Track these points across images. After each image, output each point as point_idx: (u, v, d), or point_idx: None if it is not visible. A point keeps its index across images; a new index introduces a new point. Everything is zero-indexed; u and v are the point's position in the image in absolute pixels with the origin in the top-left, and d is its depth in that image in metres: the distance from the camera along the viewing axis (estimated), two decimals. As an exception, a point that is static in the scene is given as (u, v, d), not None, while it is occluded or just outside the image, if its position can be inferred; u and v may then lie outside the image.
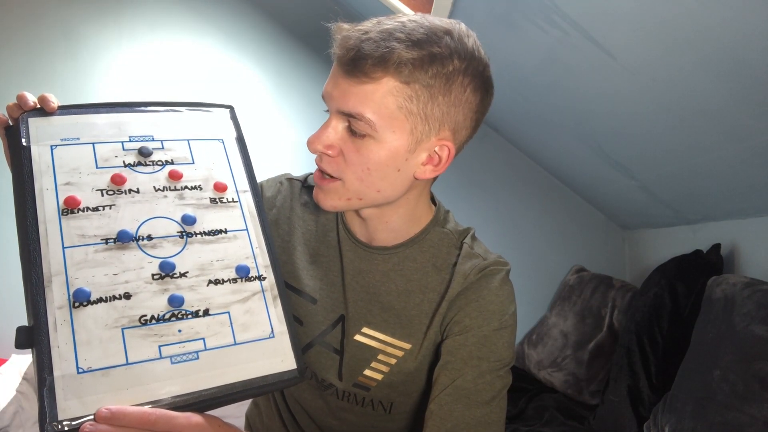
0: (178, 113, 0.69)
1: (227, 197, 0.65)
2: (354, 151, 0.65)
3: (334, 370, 0.77)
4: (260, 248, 0.64)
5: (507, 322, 0.72)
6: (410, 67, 0.61)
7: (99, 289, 0.54)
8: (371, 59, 0.60)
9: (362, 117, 0.62)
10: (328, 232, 0.80)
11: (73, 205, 0.57)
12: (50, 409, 0.48)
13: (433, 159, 0.68)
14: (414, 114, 0.63)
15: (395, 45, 0.60)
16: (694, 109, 1.30)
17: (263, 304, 0.61)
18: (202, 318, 0.57)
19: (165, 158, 0.64)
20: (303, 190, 0.84)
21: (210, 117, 0.71)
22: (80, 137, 0.62)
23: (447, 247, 0.76)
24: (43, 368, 0.50)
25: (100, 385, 0.50)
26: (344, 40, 0.62)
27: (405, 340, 0.74)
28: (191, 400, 0.52)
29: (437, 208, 0.79)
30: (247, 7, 2.16)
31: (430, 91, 0.62)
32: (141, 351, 0.53)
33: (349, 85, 0.62)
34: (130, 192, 0.61)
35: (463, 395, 0.67)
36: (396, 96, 0.62)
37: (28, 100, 0.61)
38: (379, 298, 0.75)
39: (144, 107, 0.67)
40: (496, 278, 0.73)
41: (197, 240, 0.61)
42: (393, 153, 0.65)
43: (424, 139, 0.65)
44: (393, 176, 0.67)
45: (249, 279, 0.61)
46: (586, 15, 1.22)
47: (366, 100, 0.62)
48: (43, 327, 0.51)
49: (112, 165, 0.61)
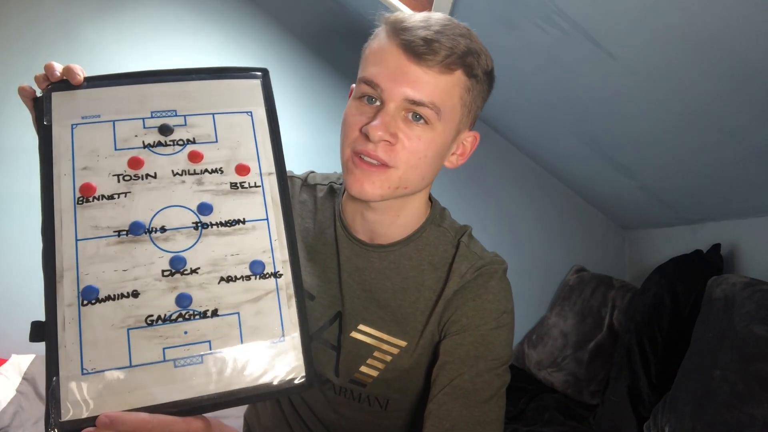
0: (205, 82, 0.65)
1: (249, 181, 0.61)
2: (415, 138, 0.66)
3: (331, 366, 0.77)
4: (279, 241, 0.60)
5: (504, 320, 0.72)
6: (475, 64, 0.67)
7: (108, 286, 0.54)
8: (451, 52, 0.64)
9: (433, 106, 0.65)
10: (325, 230, 0.80)
11: (88, 192, 0.57)
12: (54, 410, 0.48)
13: (459, 148, 0.74)
14: (465, 105, 0.69)
15: (463, 41, 0.66)
16: (694, 109, 1.30)
17: (276, 305, 0.58)
18: (210, 319, 0.55)
19: (187, 137, 0.61)
20: (303, 189, 0.85)
21: (239, 86, 0.66)
22: (101, 114, 0.60)
23: (443, 245, 0.76)
24: (51, 368, 0.50)
25: (102, 386, 0.50)
26: (414, 30, 0.65)
27: (400, 337, 0.75)
28: (192, 405, 0.52)
29: (433, 205, 0.80)
30: (247, 7, 2.16)
31: (480, 86, 0.69)
32: (145, 353, 0.52)
33: (421, 73, 0.65)
34: (147, 177, 0.59)
35: (461, 394, 0.67)
36: (461, 88, 0.67)
37: (55, 71, 0.60)
38: (375, 295, 0.76)
39: (171, 76, 0.64)
40: (493, 277, 0.73)
41: (212, 232, 0.58)
42: (444, 141, 0.69)
43: (462, 129, 0.71)
44: (438, 164, 0.72)
45: (264, 276, 0.58)
46: (586, 15, 1.22)
47: (438, 89, 0.65)
48: (52, 324, 0.52)
49: (131, 146, 0.60)
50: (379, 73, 0.66)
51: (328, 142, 2.17)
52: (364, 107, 0.68)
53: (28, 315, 0.54)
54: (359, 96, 0.69)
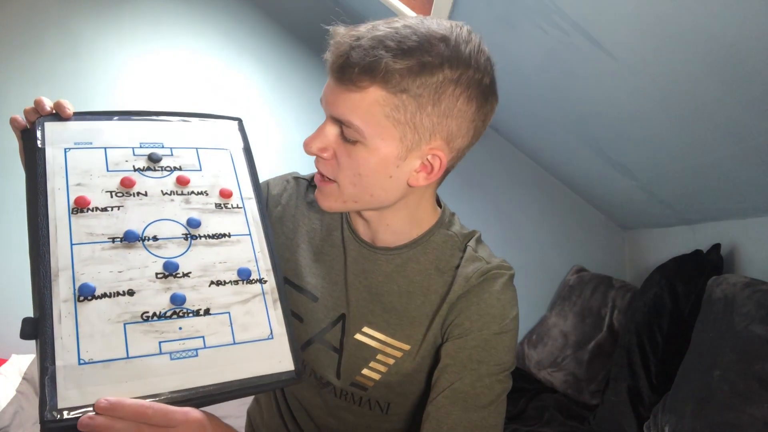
0: (188, 123, 0.72)
1: (232, 203, 0.68)
2: (346, 155, 0.65)
3: (333, 369, 0.77)
4: (262, 253, 0.66)
5: (508, 326, 0.71)
6: (397, 77, 0.59)
7: (104, 285, 0.56)
8: (358, 68, 0.59)
9: (351, 124, 0.62)
10: (333, 231, 0.80)
11: (83, 204, 0.59)
12: (50, 397, 0.49)
13: (426, 167, 0.67)
14: (402, 123, 0.62)
15: (383, 54, 0.59)
16: (695, 109, 1.30)
17: (263, 306, 0.62)
18: (203, 317, 0.58)
19: (173, 164, 0.67)
20: (309, 189, 0.85)
21: (218, 127, 0.74)
22: (93, 141, 0.64)
23: (450, 250, 0.76)
24: (46, 358, 0.51)
25: (100, 376, 0.52)
26: (336, 46, 0.62)
27: (404, 341, 0.74)
28: (188, 396, 0.54)
29: (442, 210, 0.79)
30: (247, 8, 2.16)
31: (418, 101, 0.61)
32: (141, 346, 0.54)
33: (339, 92, 0.62)
34: (138, 195, 0.63)
35: (461, 398, 0.67)
36: (383, 105, 0.61)
37: (45, 106, 0.63)
38: (380, 298, 0.75)
39: (155, 116, 0.70)
40: (498, 282, 0.73)
41: (201, 242, 0.63)
42: (383, 160, 0.64)
43: (414, 147, 0.64)
44: (385, 182, 0.67)
45: (250, 281, 0.63)
46: (586, 15, 1.22)
47: (354, 108, 0.62)
48: (48, 318, 0.53)
49: (123, 169, 0.64)
50: (323, 91, 0.67)
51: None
52: None
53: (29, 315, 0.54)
54: None
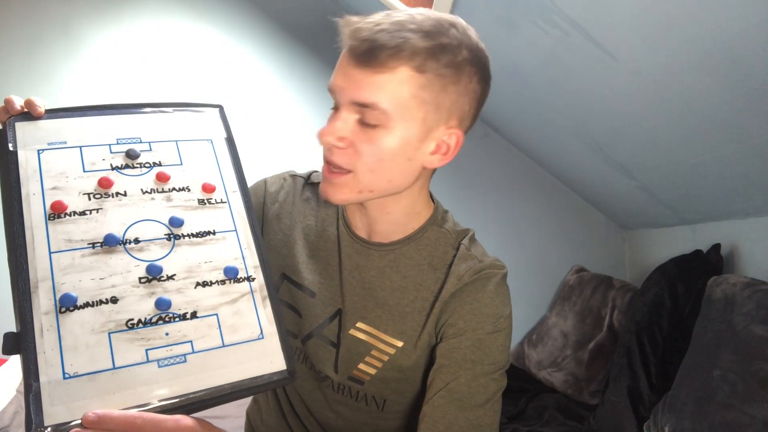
0: (166, 114, 0.69)
1: (216, 198, 0.65)
2: (366, 141, 0.65)
3: (330, 363, 0.78)
4: (249, 249, 0.64)
5: (502, 325, 0.72)
6: (423, 56, 0.62)
7: (86, 293, 0.54)
8: (387, 49, 0.61)
9: (377, 106, 0.63)
10: (328, 227, 0.81)
11: (59, 209, 0.57)
12: (36, 415, 0.48)
13: (441, 147, 0.69)
14: (426, 103, 0.65)
15: (409, 35, 0.62)
16: (694, 109, 1.30)
17: (252, 305, 0.60)
18: (190, 321, 0.56)
19: (153, 160, 0.64)
20: (306, 187, 0.86)
21: (199, 117, 0.71)
22: (67, 141, 0.62)
23: (444, 247, 0.76)
24: (30, 374, 0.49)
25: (86, 390, 0.50)
26: (356, 32, 0.63)
27: (397, 337, 0.75)
28: (179, 404, 0.52)
29: (435, 206, 0.80)
30: (247, 7, 2.16)
31: (442, 81, 0.64)
32: (128, 355, 0.52)
33: (363, 76, 0.63)
34: (117, 195, 0.60)
35: (456, 398, 0.67)
36: (410, 85, 0.63)
37: (14, 105, 0.61)
38: (374, 293, 0.76)
39: (132, 109, 0.67)
40: (492, 281, 0.73)
41: (185, 242, 0.61)
42: (405, 142, 0.66)
43: (434, 127, 0.67)
44: (404, 165, 0.68)
45: (237, 280, 0.61)
46: (586, 15, 1.22)
47: (381, 89, 0.63)
48: (29, 333, 0.51)
49: (99, 168, 0.61)
50: (334, 80, 0.66)
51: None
52: (331, 116, 0.69)
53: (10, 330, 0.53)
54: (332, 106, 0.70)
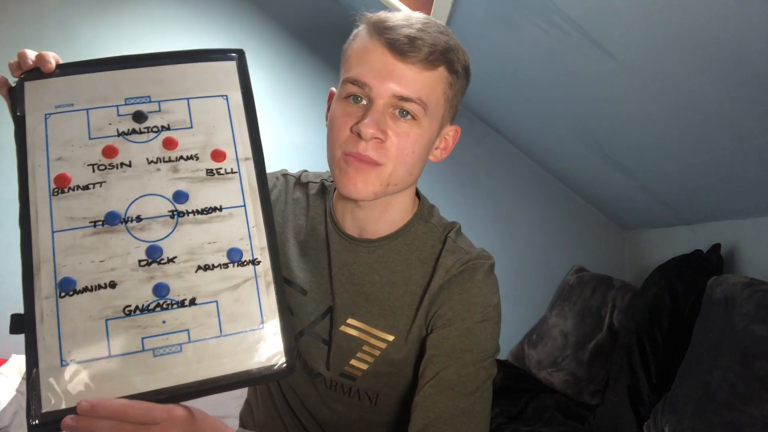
0: (180, 66, 0.63)
1: (225, 168, 0.60)
2: (403, 134, 0.68)
3: (322, 360, 0.78)
4: (257, 228, 0.59)
5: (490, 314, 0.73)
6: (455, 58, 0.69)
7: (85, 277, 0.54)
8: (433, 49, 0.66)
9: (419, 101, 0.67)
10: (317, 226, 0.82)
11: (63, 183, 0.56)
12: (34, 401, 0.49)
13: (443, 142, 0.76)
14: (448, 100, 0.71)
15: (441, 36, 0.67)
16: (694, 109, 1.30)
17: (255, 292, 0.57)
18: (188, 308, 0.55)
19: (161, 123, 0.60)
20: (296, 187, 0.86)
21: (214, 68, 0.64)
22: (75, 103, 0.59)
23: (431, 241, 0.77)
24: (30, 360, 0.51)
25: (83, 377, 0.51)
26: (398, 29, 0.66)
27: (388, 331, 0.76)
28: (173, 393, 0.52)
29: (421, 202, 0.81)
30: (246, 6, 2.16)
31: (459, 81, 0.72)
32: (124, 343, 0.53)
33: (408, 71, 0.66)
34: (122, 166, 0.58)
35: (447, 386, 0.68)
36: (444, 84, 0.69)
37: (27, 59, 0.59)
38: (363, 288, 0.77)
39: (144, 61, 0.63)
40: (479, 271, 0.74)
41: (188, 220, 0.58)
42: (430, 136, 0.71)
43: (445, 123, 0.74)
44: (424, 159, 0.73)
45: (241, 264, 0.57)
46: (586, 15, 1.22)
47: (424, 85, 0.67)
48: (30, 317, 0.52)
49: (106, 135, 0.59)
50: (365, 72, 0.67)
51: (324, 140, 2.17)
52: (350, 107, 0.69)
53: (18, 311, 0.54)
54: (345, 96, 0.69)
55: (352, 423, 0.82)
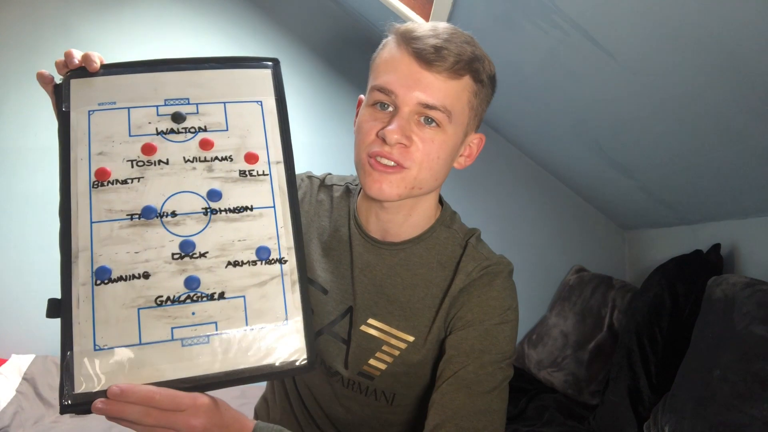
0: (217, 71, 0.67)
1: (258, 170, 0.64)
2: (428, 140, 0.70)
3: (341, 359, 0.80)
4: (285, 228, 0.62)
5: (508, 317, 0.74)
6: (480, 69, 0.71)
7: (120, 267, 0.56)
8: (459, 59, 0.68)
9: (444, 109, 0.68)
10: (340, 228, 0.83)
11: (103, 177, 0.59)
12: (67, 382, 0.52)
13: (467, 150, 0.77)
14: (473, 108, 0.73)
15: (469, 48, 0.69)
16: (694, 109, 1.30)
17: (281, 289, 0.60)
18: (217, 301, 0.58)
19: (198, 124, 0.64)
20: (321, 189, 0.88)
21: (250, 75, 0.68)
22: (117, 101, 0.63)
23: (452, 246, 0.79)
24: (66, 343, 0.53)
25: (114, 362, 0.53)
26: (424, 39, 0.68)
27: (408, 332, 0.77)
28: (198, 382, 0.54)
29: (444, 208, 0.83)
30: (247, 7, 2.16)
31: (484, 90, 0.73)
32: (154, 332, 0.55)
33: (433, 79, 0.68)
34: (159, 163, 0.61)
35: (464, 385, 0.69)
36: (469, 93, 0.71)
37: (73, 58, 0.62)
38: (385, 290, 0.78)
39: (184, 65, 0.67)
40: (499, 276, 0.76)
41: (221, 217, 0.61)
42: (454, 144, 0.73)
43: (469, 131, 0.75)
44: (448, 165, 0.75)
45: (269, 262, 0.61)
46: (586, 15, 1.22)
47: (449, 94, 0.69)
48: (67, 302, 0.54)
49: (145, 133, 0.62)
50: (393, 80, 0.69)
51: (329, 141, 2.17)
52: (377, 113, 0.71)
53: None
54: (372, 103, 0.72)
55: (366, 421, 0.83)
